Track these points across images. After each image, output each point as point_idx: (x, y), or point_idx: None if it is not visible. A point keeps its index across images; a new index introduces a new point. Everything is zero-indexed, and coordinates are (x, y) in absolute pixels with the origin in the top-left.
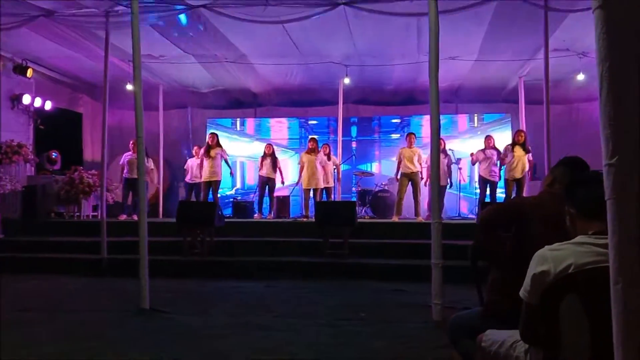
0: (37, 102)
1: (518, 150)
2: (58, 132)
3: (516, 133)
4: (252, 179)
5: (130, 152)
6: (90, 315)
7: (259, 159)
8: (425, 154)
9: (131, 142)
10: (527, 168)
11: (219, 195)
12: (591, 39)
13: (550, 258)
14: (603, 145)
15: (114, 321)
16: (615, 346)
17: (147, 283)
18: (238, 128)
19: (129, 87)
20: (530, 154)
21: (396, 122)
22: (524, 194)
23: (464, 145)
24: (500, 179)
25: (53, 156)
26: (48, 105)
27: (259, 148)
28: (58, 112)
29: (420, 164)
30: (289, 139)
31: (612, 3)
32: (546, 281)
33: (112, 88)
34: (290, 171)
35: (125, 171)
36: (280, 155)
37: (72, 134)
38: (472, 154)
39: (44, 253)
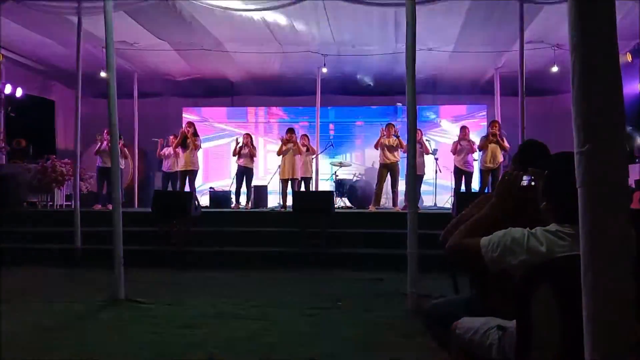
0: (8, 88)
1: (492, 142)
2: (30, 120)
3: (490, 124)
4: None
5: (105, 141)
6: (65, 306)
7: (237, 149)
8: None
9: (105, 131)
10: (501, 159)
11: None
12: (565, 30)
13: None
14: (575, 133)
15: (88, 312)
16: (585, 334)
17: (121, 273)
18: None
19: (103, 74)
20: (505, 142)
21: (377, 111)
22: None
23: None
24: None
25: (25, 145)
26: (19, 93)
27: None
28: (30, 100)
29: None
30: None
31: None
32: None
33: (85, 75)
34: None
35: (98, 160)
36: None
37: (44, 121)
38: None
39: (16, 243)
